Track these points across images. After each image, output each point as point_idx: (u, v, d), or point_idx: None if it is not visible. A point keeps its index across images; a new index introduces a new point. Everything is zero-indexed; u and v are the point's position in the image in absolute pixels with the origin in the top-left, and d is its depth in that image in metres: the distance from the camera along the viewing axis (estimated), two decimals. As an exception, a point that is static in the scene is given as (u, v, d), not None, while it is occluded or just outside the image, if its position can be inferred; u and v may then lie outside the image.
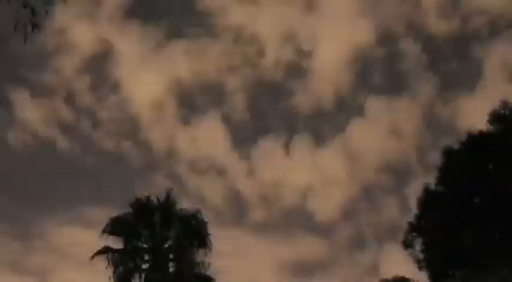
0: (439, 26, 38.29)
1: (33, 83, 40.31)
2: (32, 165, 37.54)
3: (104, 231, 23.74)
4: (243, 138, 40.19)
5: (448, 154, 24.35)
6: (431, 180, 24.83)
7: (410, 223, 25.11)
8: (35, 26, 7.21)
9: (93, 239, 23.14)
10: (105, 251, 23.56)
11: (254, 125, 39.74)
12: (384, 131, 39.25)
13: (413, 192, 25.39)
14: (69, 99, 39.93)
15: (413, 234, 25.08)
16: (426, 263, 24.80)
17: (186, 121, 42.80)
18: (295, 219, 37.12)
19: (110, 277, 23.28)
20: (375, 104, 39.55)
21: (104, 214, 26.11)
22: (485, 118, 23.84)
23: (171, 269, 24.16)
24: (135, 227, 24.05)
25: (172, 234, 24.32)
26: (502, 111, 23.79)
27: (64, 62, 40.14)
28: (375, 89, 41.05)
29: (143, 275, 23.77)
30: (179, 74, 40.25)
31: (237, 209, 39.01)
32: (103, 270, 23.20)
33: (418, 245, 25.11)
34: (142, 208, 24.24)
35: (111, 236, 23.86)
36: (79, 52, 40.09)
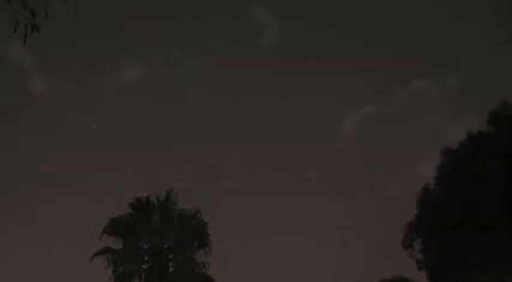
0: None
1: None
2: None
3: (103, 232, 23.80)
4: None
5: (447, 154, 24.40)
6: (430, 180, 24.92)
7: (409, 223, 25.15)
8: (35, 27, 7.23)
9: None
10: (105, 251, 23.61)
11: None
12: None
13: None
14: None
15: (413, 234, 25.13)
16: (426, 263, 24.84)
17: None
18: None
19: (110, 277, 23.34)
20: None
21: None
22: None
23: (171, 269, 24.21)
24: (135, 227, 24.10)
25: (172, 234, 24.38)
26: (501, 111, 23.87)
27: None
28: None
29: (143, 275, 23.82)
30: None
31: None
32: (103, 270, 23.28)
33: (417, 245, 25.16)
34: (142, 208, 24.30)
35: (110, 236, 23.92)
36: None
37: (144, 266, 24.20)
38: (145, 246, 24.43)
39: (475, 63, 35.41)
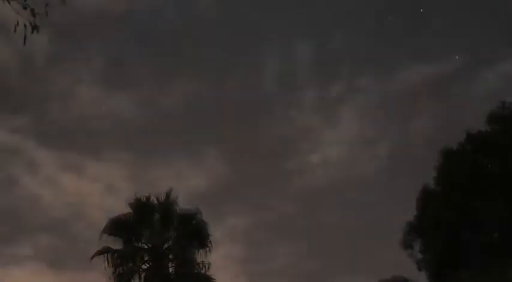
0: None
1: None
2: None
3: (103, 232, 23.78)
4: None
5: (447, 154, 24.43)
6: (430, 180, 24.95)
7: (409, 223, 25.19)
8: (35, 28, 7.24)
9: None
10: (104, 251, 23.60)
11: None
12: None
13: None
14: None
15: (413, 234, 25.17)
16: (425, 263, 24.87)
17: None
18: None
19: (109, 277, 23.33)
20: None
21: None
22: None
23: (171, 269, 24.20)
24: (135, 227, 24.08)
25: (172, 234, 24.38)
26: (501, 111, 23.93)
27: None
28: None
29: (143, 275, 23.81)
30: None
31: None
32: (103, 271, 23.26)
33: (417, 245, 25.20)
34: (142, 208, 24.28)
35: (110, 237, 23.90)
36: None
37: (144, 266, 24.18)
38: (145, 246, 24.41)
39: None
